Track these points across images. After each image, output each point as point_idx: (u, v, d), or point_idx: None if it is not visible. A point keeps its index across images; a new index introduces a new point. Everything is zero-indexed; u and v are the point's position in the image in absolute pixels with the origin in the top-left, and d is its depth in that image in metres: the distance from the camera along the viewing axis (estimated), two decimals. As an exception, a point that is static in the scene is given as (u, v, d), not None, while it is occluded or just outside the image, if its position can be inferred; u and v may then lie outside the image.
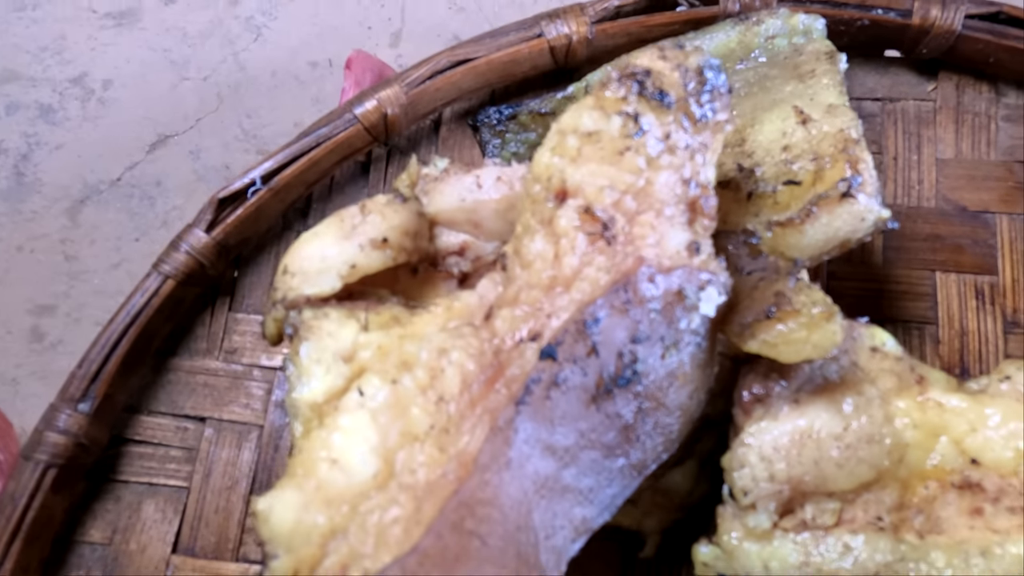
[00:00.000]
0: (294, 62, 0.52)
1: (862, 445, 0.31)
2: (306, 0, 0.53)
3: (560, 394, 0.28)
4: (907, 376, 0.33)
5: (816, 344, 0.30)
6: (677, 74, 0.30)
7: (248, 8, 0.53)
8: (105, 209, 0.49)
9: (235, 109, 0.51)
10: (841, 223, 0.33)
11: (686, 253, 0.30)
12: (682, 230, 0.30)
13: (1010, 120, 0.43)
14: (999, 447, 0.31)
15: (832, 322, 0.29)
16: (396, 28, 0.52)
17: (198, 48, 0.52)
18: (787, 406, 0.32)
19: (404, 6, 0.53)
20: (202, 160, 0.50)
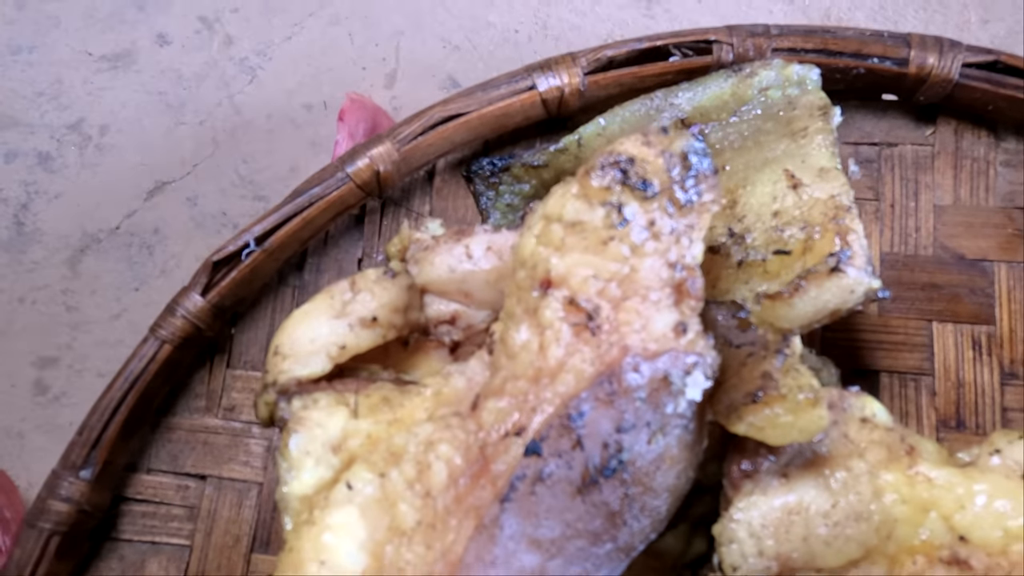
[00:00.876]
0: (289, 104, 0.52)
1: (850, 523, 0.31)
2: (301, 40, 0.53)
3: (545, 488, 0.28)
4: (897, 447, 0.33)
5: (803, 429, 0.30)
6: (662, 160, 0.30)
7: (243, 49, 0.53)
8: (104, 259, 0.49)
9: (231, 154, 0.51)
10: (830, 296, 0.33)
11: (672, 334, 0.31)
12: (668, 312, 0.31)
13: (1009, 165, 0.43)
14: (988, 525, 0.31)
15: (818, 407, 0.29)
16: (391, 68, 0.52)
17: (193, 91, 0.53)
18: (776, 481, 0.32)
19: (399, 46, 0.52)
20: (199, 207, 0.50)
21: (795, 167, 0.36)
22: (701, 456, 0.32)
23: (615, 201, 0.29)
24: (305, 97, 0.52)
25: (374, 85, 0.52)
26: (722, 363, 0.33)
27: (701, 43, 0.42)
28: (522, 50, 0.51)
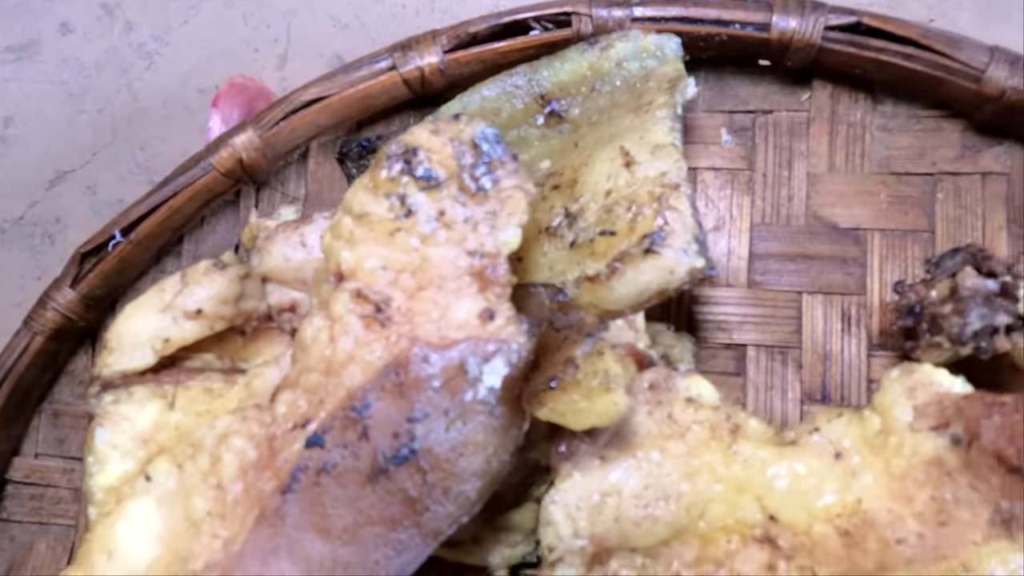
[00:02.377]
0: (184, 90, 0.52)
1: (659, 504, 0.32)
2: (197, 23, 0.53)
3: (331, 479, 0.28)
4: (721, 427, 0.33)
5: (600, 414, 0.30)
6: (450, 148, 0.29)
7: (141, 34, 0.54)
8: (8, 248, 0.50)
9: (129, 141, 0.52)
10: (650, 277, 0.32)
11: (478, 321, 0.31)
12: (471, 300, 0.31)
13: (886, 130, 0.41)
14: (795, 504, 0.31)
15: (612, 393, 0.29)
16: (282, 50, 0.52)
17: (94, 79, 0.53)
18: (594, 463, 0.33)
19: (289, 26, 0.52)
20: (99, 195, 0.51)
21: (633, 143, 0.35)
22: (520, 439, 0.32)
23: (399, 192, 0.29)
24: (200, 81, 0.52)
25: (265, 67, 0.52)
26: (543, 347, 0.33)
27: (561, 16, 0.41)
28: (408, 26, 0.51)
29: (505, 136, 0.42)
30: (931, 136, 0.41)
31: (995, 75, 0.37)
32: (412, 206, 0.29)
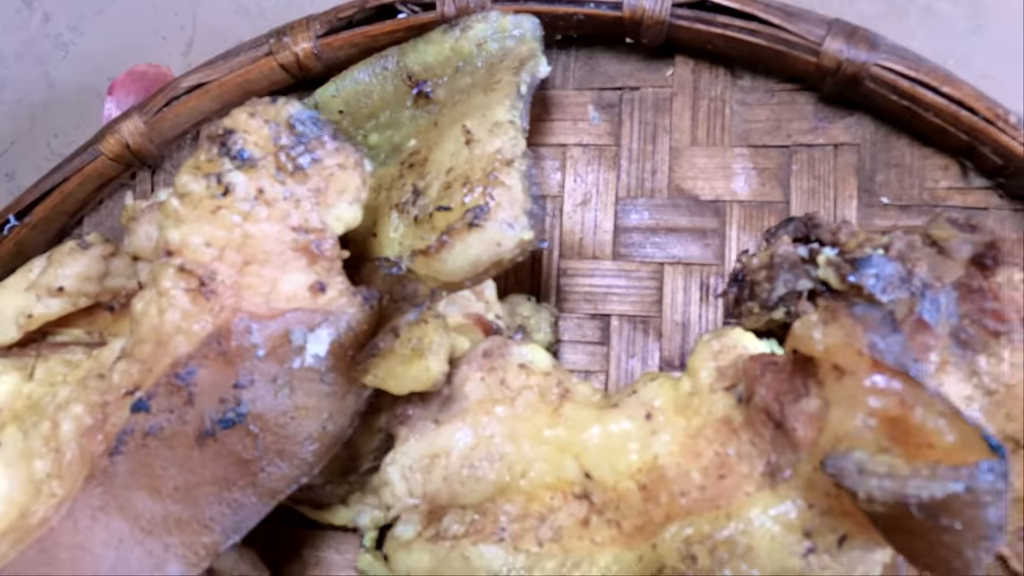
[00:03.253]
0: (97, 78, 0.54)
1: (483, 464, 0.33)
2: (111, 12, 0.55)
3: (159, 441, 0.31)
4: (550, 391, 0.35)
5: (415, 379, 0.32)
6: (266, 130, 0.31)
7: (58, 25, 0.56)
8: (-69, 235, 0.52)
9: (45, 129, 0.54)
10: (478, 249, 0.34)
11: (308, 294, 0.33)
12: (301, 273, 0.32)
13: (744, 104, 0.42)
14: (606, 462, 0.32)
15: (424, 360, 0.31)
16: (188, 37, 0.54)
17: (13, 69, 0.55)
18: (429, 426, 0.35)
19: (196, 14, 0.54)
20: (17, 181, 0.53)
21: (475, 122, 0.37)
22: (360, 404, 0.34)
23: (216, 171, 0.31)
24: (113, 70, 0.54)
25: (172, 54, 0.54)
26: (386, 318, 0.35)
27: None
28: (307, 10, 0.52)
29: (379, 116, 0.44)
30: (786, 109, 0.42)
31: (832, 47, 0.38)
32: (229, 185, 0.31)
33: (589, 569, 0.31)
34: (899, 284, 0.31)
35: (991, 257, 0.31)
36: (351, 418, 0.34)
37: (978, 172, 0.38)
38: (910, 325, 0.31)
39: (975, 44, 0.42)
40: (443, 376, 0.32)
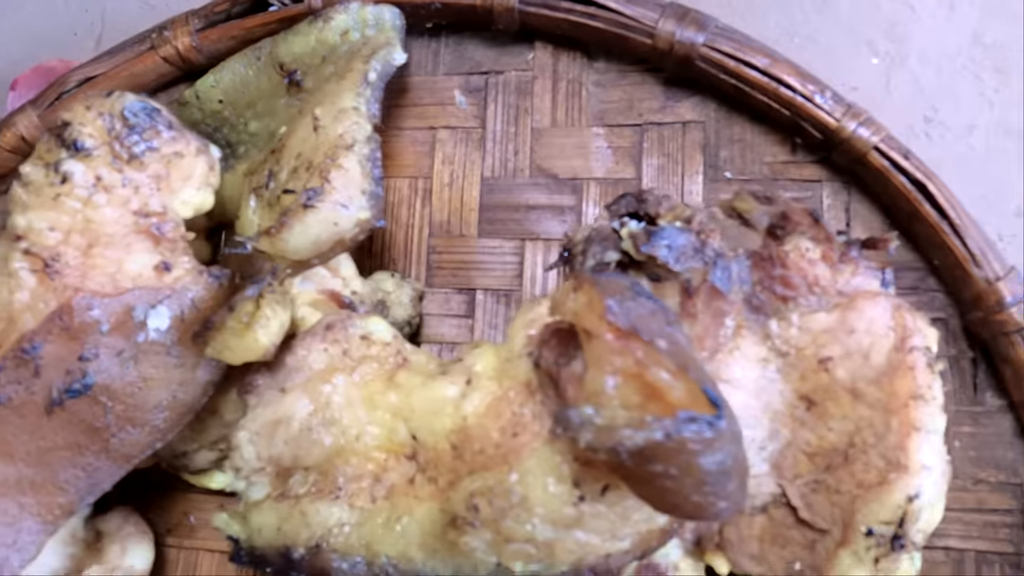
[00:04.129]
0: (10, 73, 0.57)
1: (321, 428, 0.36)
2: (26, 10, 0.58)
3: (8, 411, 0.33)
4: (389, 361, 0.37)
5: (248, 349, 0.34)
6: (100, 121, 0.34)
7: (-22, 24, 0.58)
8: None
9: (-36, 124, 0.56)
10: (316, 229, 0.36)
11: (153, 273, 0.35)
12: (146, 254, 0.35)
13: (600, 85, 0.44)
14: (429, 425, 0.35)
15: (253, 332, 0.34)
16: (98, 32, 0.56)
17: (-63, 69, 0.58)
18: (275, 394, 0.37)
19: (105, 10, 0.56)
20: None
21: (324, 109, 0.39)
22: (213, 374, 0.37)
23: (54, 160, 0.33)
24: (24, 65, 0.57)
25: (84, 49, 0.56)
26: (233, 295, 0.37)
27: (295, -8, 0.44)
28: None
29: (257, 105, 0.46)
30: (637, 89, 0.44)
31: (665, 29, 0.39)
32: (67, 173, 0.33)
33: (409, 522, 0.34)
34: (692, 254, 0.33)
35: (781, 227, 0.33)
36: (203, 388, 0.37)
37: (806, 147, 0.40)
38: (704, 292, 0.33)
39: (820, 22, 0.43)
40: (273, 347, 0.34)
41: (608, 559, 0.32)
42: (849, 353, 0.33)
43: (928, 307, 0.38)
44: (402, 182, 0.46)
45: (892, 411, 0.32)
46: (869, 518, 0.32)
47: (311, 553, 0.35)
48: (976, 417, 0.37)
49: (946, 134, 0.40)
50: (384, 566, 0.34)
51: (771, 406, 0.34)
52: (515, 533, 0.30)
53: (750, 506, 0.34)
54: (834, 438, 0.33)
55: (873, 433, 0.33)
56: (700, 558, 0.35)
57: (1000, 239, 0.39)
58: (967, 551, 0.37)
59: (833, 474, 0.33)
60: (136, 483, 0.45)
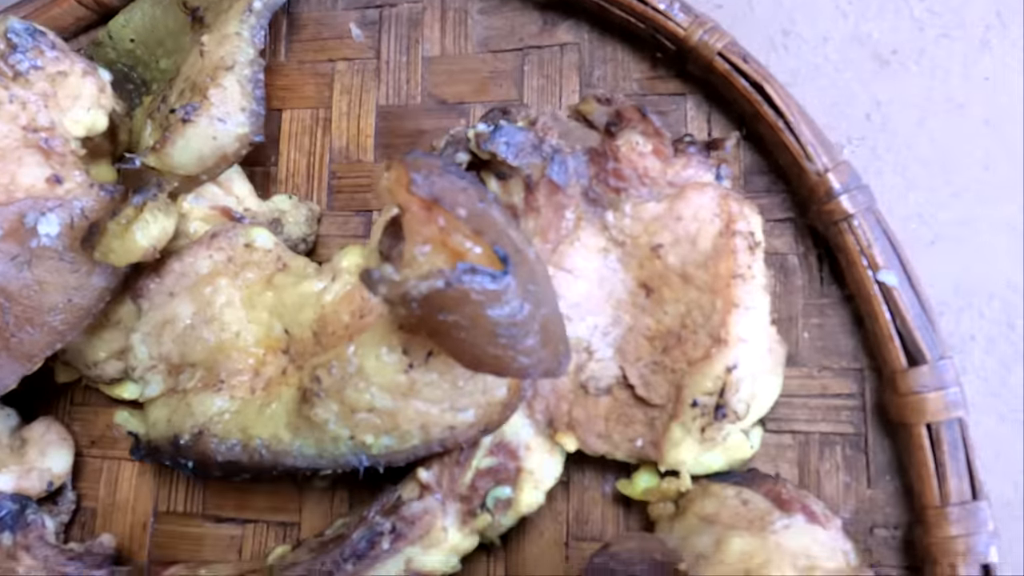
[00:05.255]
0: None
1: (203, 326, 0.39)
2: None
3: (-89, 310, 0.37)
4: (269, 266, 0.40)
5: (129, 251, 0.37)
6: (-15, 43, 0.36)
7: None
8: None
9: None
10: (196, 143, 0.39)
11: (45, 185, 0.38)
12: (37, 167, 0.38)
13: (484, 12, 0.46)
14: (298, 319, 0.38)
15: (132, 233, 0.37)
16: None
17: None
18: (164, 298, 0.40)
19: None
20: None
21: (210, 36, 0.42)
22: (110, 280, 0.40)
23: (-56, 80, 0.36)
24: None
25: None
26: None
27: (195, -67, 0.47)
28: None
29: (166, 43, 0.49)
30: (518, 15, 0.46)
31: (531, -46, 0.42)
32: (-45, 90, 0.36)
33: (277, 406, 0.37)
34: (531, 150, 0.35)
35: (615, 123, 0.35)
36: (99, 294, 0.40)
37: (667, 61, 0.42)
38: (544, 186, 0.36)
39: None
40: (152, 249, 0.37)
41: (454, 432, 0.34)
42: (678, 239, 0.35)
43: (779, 208, 0.41)
44: (304, 112, 0.49)
45: (716, 291, 0.34)
46: (694, 390, 0.34)
47: (194, 438, 0.38)
48: (822, 309, 0.39)
49: (803, 46, 0.42)
50: (257, 448, 0.37)
51: (614, 294, 0.37)
52: (357, 402, 0.33)
53: (595, 387, 0.37)
54: (669, 321, 0.36)
55: (701, 314, 0.35)
56: (551, 438, 0.37)
57: (850, 141, 0.41)
58: (812, 434, 0.39)
59: (669, 355, 0.36)
60: (62, 399, 0.49)
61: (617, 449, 0.37)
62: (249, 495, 0.45)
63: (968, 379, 0.38)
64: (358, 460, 0.36)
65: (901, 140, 0.40)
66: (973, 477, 0.34)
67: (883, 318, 0.35)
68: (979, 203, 0.39)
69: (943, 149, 0.39)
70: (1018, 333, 0.38)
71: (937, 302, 0.38)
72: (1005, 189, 0.38)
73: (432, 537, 0.36)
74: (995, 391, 0.38)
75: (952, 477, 0.34)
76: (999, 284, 0.38)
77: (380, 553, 0.36)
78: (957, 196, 0.39)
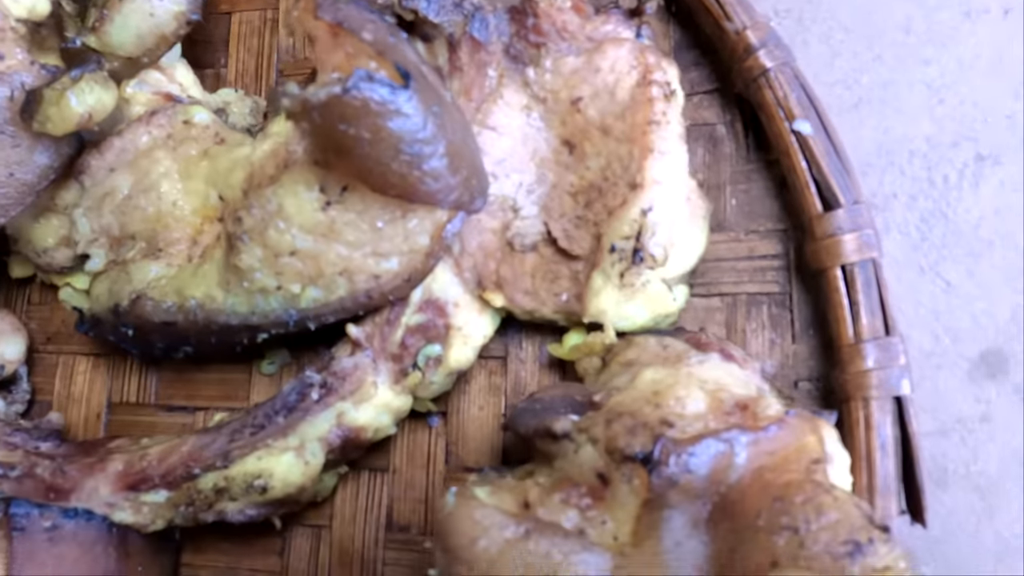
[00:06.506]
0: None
1: (142, 196, 0.40)
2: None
3: None
4: (207, 139, 0.41)
5: (64, 118, 0.38)
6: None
7: None
8: None
9: None
10: (134, 20, 0.40)
11: (-15, 61, 0.39)
12: (-24, 43, 0.39)
13: (424, -91, 0.47)
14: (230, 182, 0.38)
15: (67, 99, 0.37)
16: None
17: None
18: (104, 174, 0.41)
19: None
20: None
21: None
22: (54, 159, 0.41)
23: None
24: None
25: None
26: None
27: None
28: None
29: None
30: (456, -91, 0.47)
31: None
32: None
33: (210, 265, 0.37)
34: (452, 8, 0.36)
35: (535, -19, 0.36)
36: (42, 171, 0.41)
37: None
38: (466, 44, 0.37)
39: None
40: (87, 115, 0.38)
41: (379, 281, 0.35)
42: (597, 92, 0.36)
43: (707, 81, 0.41)
44: (252, 14, 0.50)
45: (634, 140, 0.35)
46: (612, 236, 0.35)
47: (132, 304, 0.39)
48: (748, 175, 0.40)
49: (732, -74, 0.43)
50: (192, 308, 0.38)
51: (538, 153, 0.37)
52: (279, 244, 0.34)
53: (521, 245, 0.37)
54: (591, 176, 0.37)
55: (621, 164, 0.36)
56: (479, 296, 0.38)
57: (776, 13, 0.41)
58: (739, 295, 0.39)
59: (591, 209, 0.36)
60: (19, 299, 0.50)
61: (544, 305, 0.37)
62: (199, 384, 0.46)
63: (891, 235, 0.38)
64: (288, 316, 0.36)
65: (825, 9, 0.41)
66: (886, 315, 0.34)
67: (799, 167, 0.36)
68: (899, 65, 0.39)
69: (865, 15, 0.40)
70: (938, 188, 0.38)
71: (860, 163, 0.39)
72: (924, 50, 0.39)
73: (363, 392, 0.37)
74: (916, 245, 0.38)
75: (865, 315, 0.34)
76: (919, 142, 0.39)
77: (310, 405, 0.37)
78: (879, 60, 0.40)
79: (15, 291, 0.50)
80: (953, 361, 0.37)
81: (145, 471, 0.38)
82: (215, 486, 0.37)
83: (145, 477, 0.38)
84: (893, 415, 0.34)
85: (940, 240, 0.38)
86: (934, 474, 0.36)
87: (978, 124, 0.38)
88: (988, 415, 0.36)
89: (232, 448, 0.37)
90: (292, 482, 0.37)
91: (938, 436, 0.37)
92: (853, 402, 0.34)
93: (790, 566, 0.25)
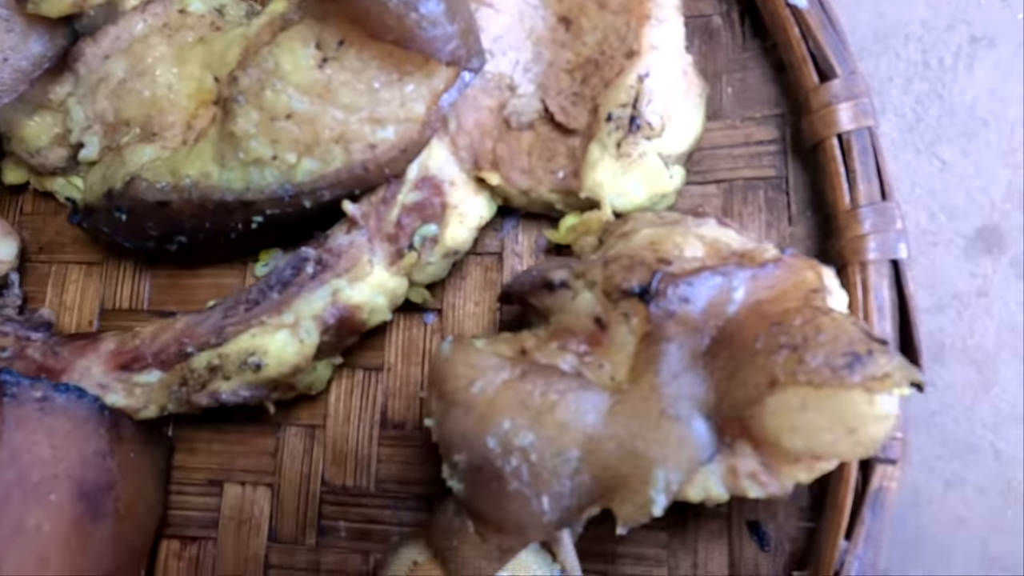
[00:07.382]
0: None
1: (137, 80, 0.40)
2: None
3: None
4: (205, 28, 0.41)
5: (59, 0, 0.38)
6: None
7: None
8: None
9: None
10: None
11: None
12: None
13: None
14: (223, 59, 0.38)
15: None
16: None
17: None
18: (99, 60, 0.41)
19: None
20: None
21: None
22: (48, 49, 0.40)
23: None
24: None
25: None
26: None
27: None
28: None
29: None
30: None
31: None
32: None
33: (205, 142, 0.37)
34: None
35: None
36: (36, 59, 0.41)
37: None
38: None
39: None
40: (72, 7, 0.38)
41: (376, 152, 0.35)
42: (594, -35, 0.36)
43: (704, -30, 0.41)
44: (249, -75, 0.50)
45: (631, 10, 0.35)
46: (609, 105, 0.35)
47: (126, 186, 0.38)
48: (744, 63, 0.40)
49: None
50: (187, 186, 0.37)
51: (535, 31, 0.37)
52: (275, 106, 0.34)
53: (517, 122, 0.37)
54: (588, 51, 0.37)
55: (617, 36, 0.36)
56: (475, 177, 0.38)
57: (771, -92, 0.42)
58: (735, 180, 0.39)
59: (588, 84, 0.36)
60: (11, 209, 0.49)
61: (540, 183, 0.37)
62: (192, 289, 0.46)
63: (887, 117, 0.39)
64: (283, 190, 0.36)
65: (820, -100, 0.41)
66: (883, 180, 0.34)
67: (796, 41, 0.36)
68: (895, -49, 0.40)
69: (859, -97, 0.40)
70: (933, 71, 0.38)
71: (857, 48, 0.39)
72: (919, -65, 0.39)
73: (358, 270, 0.37)
74: (912, 126, 0.38)
75: (862, 181, 0.34)
76: (914, 25, 0.39)
77: (305, 281, 0.37)
78: (873, -53, 0.40)
79: (8, 201, 0.49)
80: (949, 238, 0.37)
81: (138, 349, 0.37)
82: (209, 364, 0.37)
83: (138, 356, 0.37)
84: (890, 279, 0.34)
85: (935, 121, 0.38)
86: (931, 349, 0.36)
87: (972, 7, 0.38)
88: (984, 290, 0.36)
89: (226, 325, 0.37)
90: (286, 361, 0.37)
91: (935, 312, 0.37)
92: (850, 267, 0.34)
93: (789, 383, 0.25)
